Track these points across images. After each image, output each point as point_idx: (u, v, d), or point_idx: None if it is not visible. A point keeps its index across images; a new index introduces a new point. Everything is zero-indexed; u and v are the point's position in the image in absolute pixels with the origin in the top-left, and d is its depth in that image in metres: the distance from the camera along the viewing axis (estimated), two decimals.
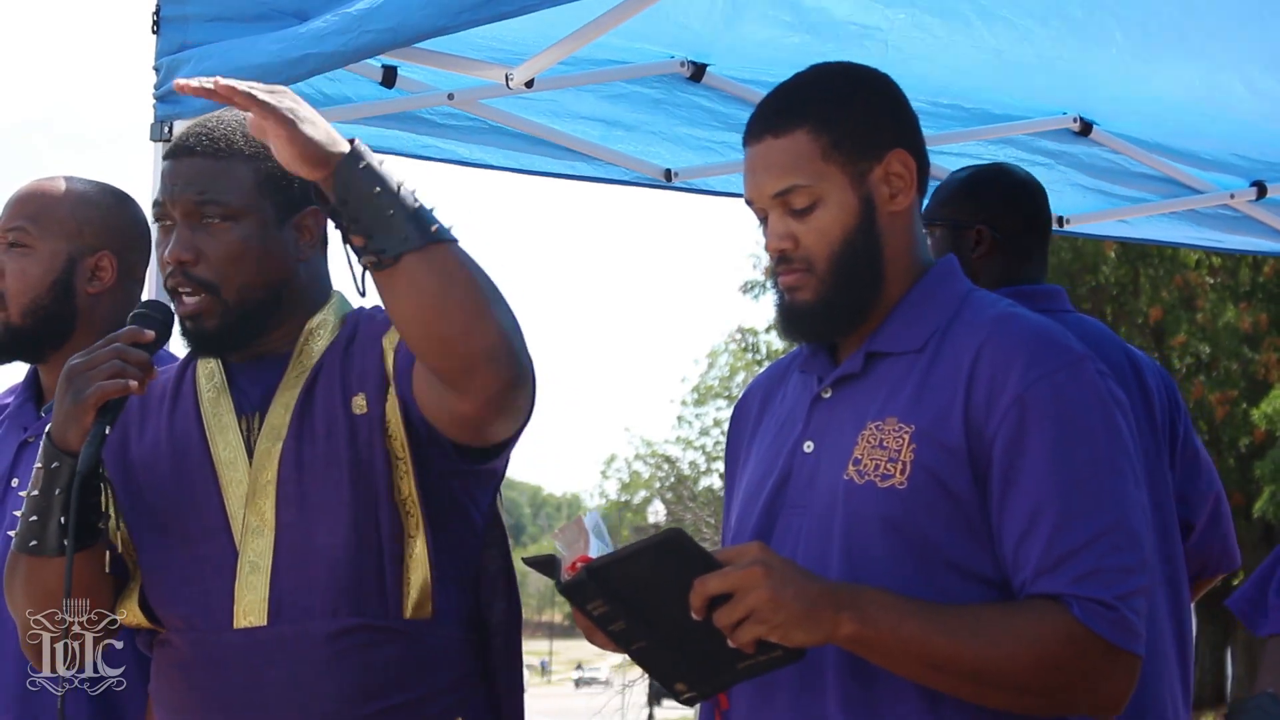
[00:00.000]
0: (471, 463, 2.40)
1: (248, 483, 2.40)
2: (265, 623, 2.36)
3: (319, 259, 2.51)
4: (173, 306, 2.44)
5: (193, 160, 2.41)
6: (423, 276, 2.17)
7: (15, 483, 2.86)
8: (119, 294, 2.95)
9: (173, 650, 2.44)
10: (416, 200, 2.18)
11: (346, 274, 2.50)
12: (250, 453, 2.42)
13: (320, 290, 2.51)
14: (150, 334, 2.35)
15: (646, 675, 2.16)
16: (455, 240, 2.20)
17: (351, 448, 2.38)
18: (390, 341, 2.42)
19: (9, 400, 3.02)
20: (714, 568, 2.01)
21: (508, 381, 2.23)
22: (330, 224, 2.49)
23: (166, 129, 3.22)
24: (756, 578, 1.99)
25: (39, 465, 2.34)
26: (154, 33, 3.20)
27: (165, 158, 2.46)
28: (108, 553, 2.42)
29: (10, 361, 2.97)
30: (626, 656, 2.10)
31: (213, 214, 2.39)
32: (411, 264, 2.16)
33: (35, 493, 2.35)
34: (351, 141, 2.16)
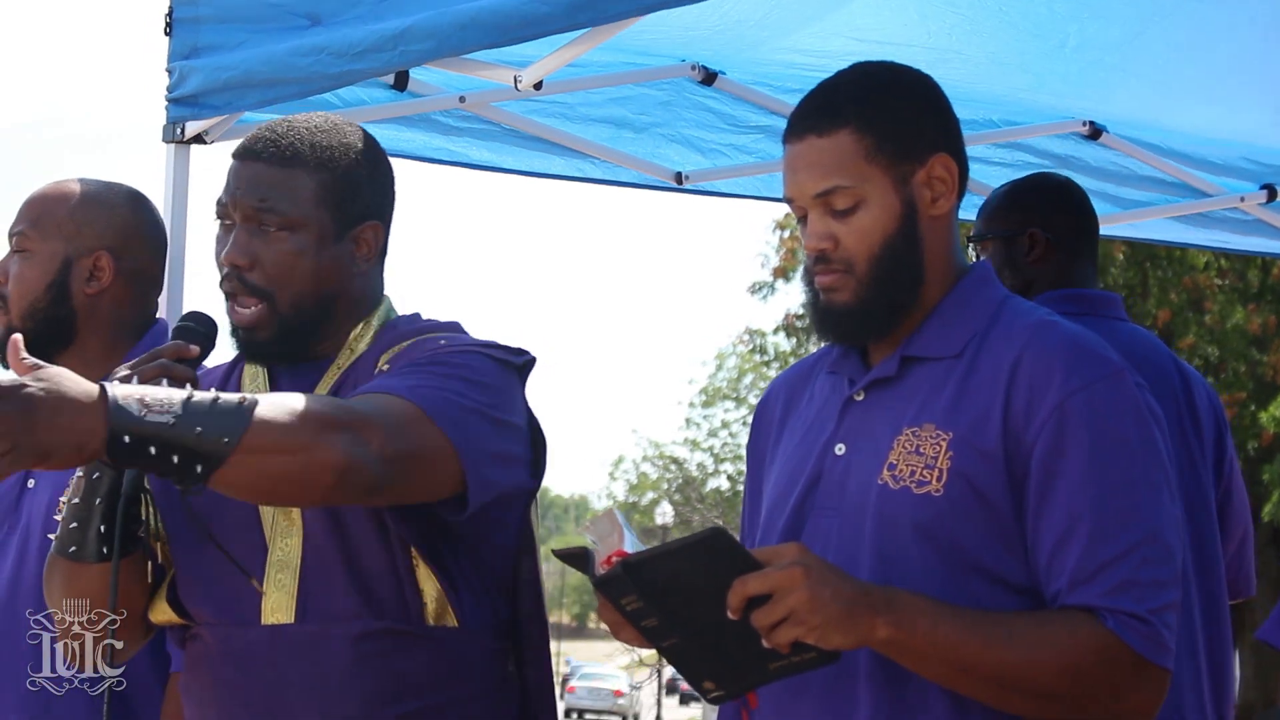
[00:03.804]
0: (450, 513, 2.34)
1: None
2: (292, 620, 2.36)
3: (375, 271, 2.50)
4: (225, 311, 2.43)
5: (257, 165, 2.41)
6: (240, 477, 2.12)
7: (31, 483, 2.88)
8: (122, 293, 2.96)
9: (201, 645, 2.45)
10: (194, 424, 2.08)
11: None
12: None
13: (372, 300, 2.50)
14: (195, 349, 2.35)
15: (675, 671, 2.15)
16: (251, 423, 2.10)
17: None
18: (381, 364, 2.41)
19: None
20: (753, 567, 1.99)
21: (371, 485, 2.19)
22: (389, 240, 2.50)
23: (179, 130, 3.23)
24: (796, 579, 1.98)
25: (79, 474, 2.35)
26: (166, 34, 3.21)
27: (233, 157, 2.46)
28: (149, 563, 2.43)
29: None
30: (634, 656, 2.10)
31: (271, 222, 2.39)
32: (221, 476, 2.11)
33: (76, 500, 2.36)
34: (106, 411, 2.04)
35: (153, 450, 2.07)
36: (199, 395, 2.12)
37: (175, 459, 2.08)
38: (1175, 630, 2.09)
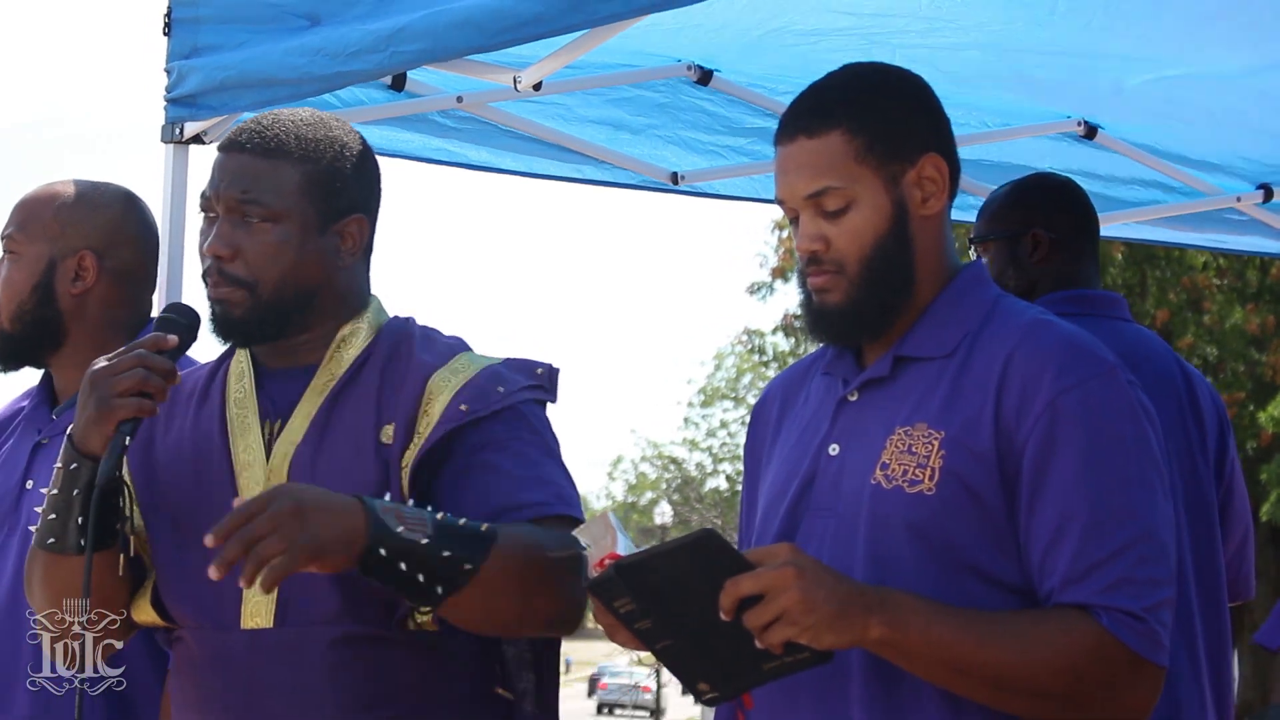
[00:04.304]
0: None
1: (263, 486, 2.39)
2: (271, 625, 2.36)
3: (360, 266, 2.49)
4: (205, 297, 2.43)
5: (241, 157, 2.41)
6: (467, 607, 2.23)
7: (30, 484, 2.88)
8: (110, 293, 2.96)
9: (185, 648, 2.45)
10: (443, 546, 2.17)
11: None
12: (269, 457, 2.41)
13: (358, 298, 2.49)
14: (174, 340, 2.36)
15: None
16: (490, 554, 2.20)
17: (378, 472, 2.37)
18: (439, 390, 2.38)
19: (24, 404, 3.04)
20: (745, 568, 2.00)
21: (564, 627, 2.39)
22: (375, 237, 2.50)
23: (178, 130, 3.23)
24: (788, 579, 1.98)
25: (59, 465, 2.36)
26: (165, 34, 3.20)
27: (218, 149, 2.46)
28: (121, 558, 2.43)
29: (13, 368, 2.99)
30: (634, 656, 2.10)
31: (254, 213, 2.39)
32: (455, 602, 2.21)
33: (55, 491, 2.37)
34: (367, 520, 2.14)
35: (403, 566, 2.15)
36: (445, 516, 2.20)
37: (421, 578, 2.16)
38: (1170, 628, 2.09)
